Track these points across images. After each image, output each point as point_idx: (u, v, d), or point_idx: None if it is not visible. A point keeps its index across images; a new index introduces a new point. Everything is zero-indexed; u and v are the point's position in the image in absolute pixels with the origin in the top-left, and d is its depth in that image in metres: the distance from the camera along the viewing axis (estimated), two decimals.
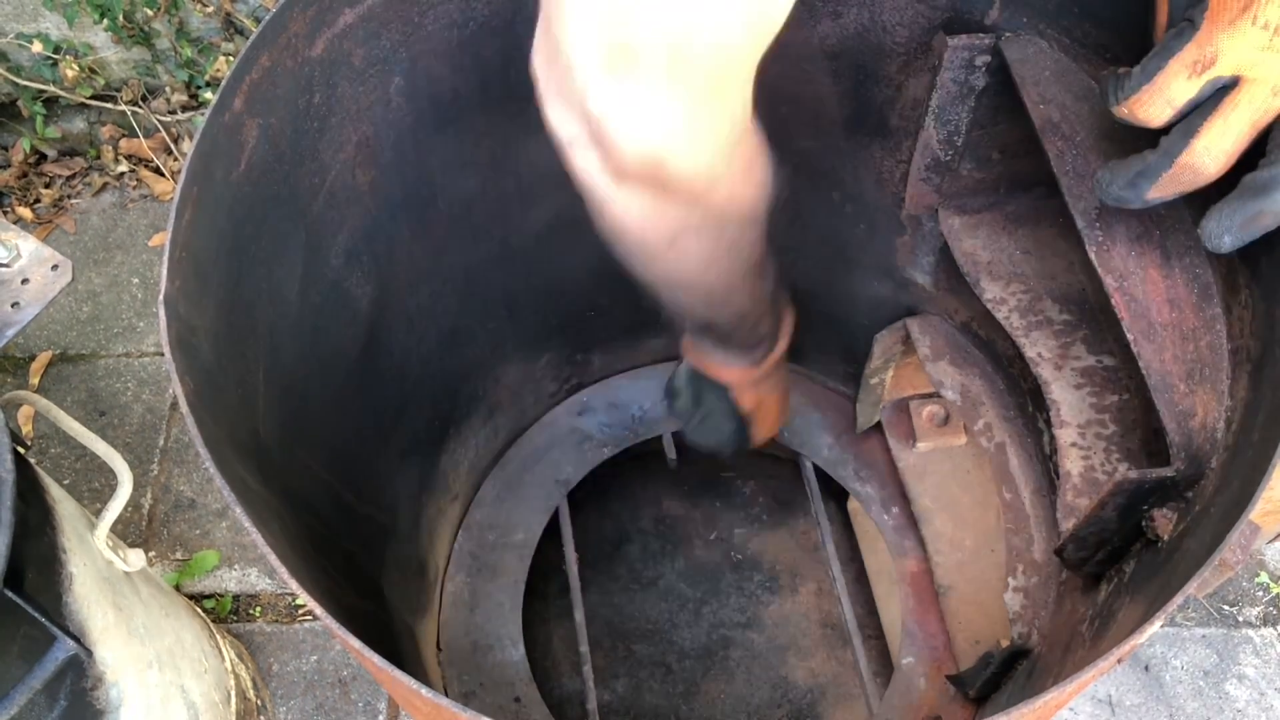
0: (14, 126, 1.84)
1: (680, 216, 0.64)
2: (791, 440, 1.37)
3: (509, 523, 1.33)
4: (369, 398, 1.06)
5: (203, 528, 1.51)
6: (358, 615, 0.89)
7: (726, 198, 0.64)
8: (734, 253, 0.73)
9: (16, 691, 0.81)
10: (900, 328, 1.20)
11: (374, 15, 0.84)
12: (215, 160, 0.74)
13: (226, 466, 0.64)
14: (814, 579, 1.46)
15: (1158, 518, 0.78)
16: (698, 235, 0.67)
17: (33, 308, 0.95)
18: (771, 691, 1.39)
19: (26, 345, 1.67)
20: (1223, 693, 1.37)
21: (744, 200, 0.67)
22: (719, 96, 0.57)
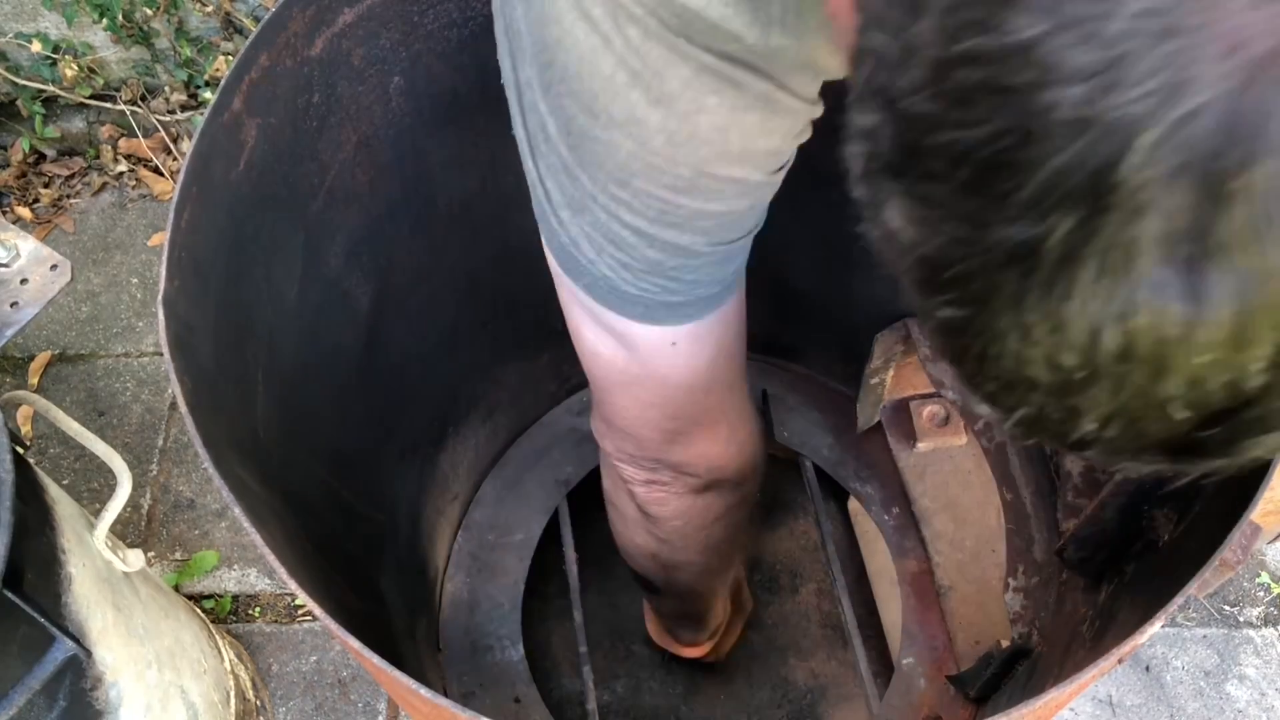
0: (13, 126, 1.84)
1: (730, 499, 0.81)
2: (791, 440, 1.37)
3: (509, 523, 1.33)
4: (369, 398, 1.06)
5: (202, 528, 1.51)
6: (357, 615, 0.89)
7: (759, 466, 0.82)
8: (750, 507, 0.89)
9: (16, 692, 0.80)
10: (901, 327, 1.19)
11: (373, 15, 0.84)
12: (214, 160, 0.74)
13: (225, 466, 0.64)
14: (814, 579, 1.46)
15: (1158, 518, 0.78)
16: (742, 504, 0.84)
17: (32, 308, 0.95)
18: (771, 692, 1.38)
19: (25, 345, 1.67)
20: (1224, 693, 1.37)
21: (763, 466, 0.84)
22: (740, 416, 0.75)
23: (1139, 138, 0.25)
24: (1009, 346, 0.30)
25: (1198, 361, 0.27)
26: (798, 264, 1.24)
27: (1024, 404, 0.31)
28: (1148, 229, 0.26)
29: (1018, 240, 0.27)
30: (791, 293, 1.28)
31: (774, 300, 1.30)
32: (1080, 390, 0.29)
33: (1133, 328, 0.27)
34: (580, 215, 0.55)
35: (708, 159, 0.50)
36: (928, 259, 0.31)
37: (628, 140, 0.50)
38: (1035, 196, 0.27)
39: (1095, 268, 0.27)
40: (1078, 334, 0.28)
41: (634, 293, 0.58)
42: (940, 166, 0.29)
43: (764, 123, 0.50)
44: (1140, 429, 0.30)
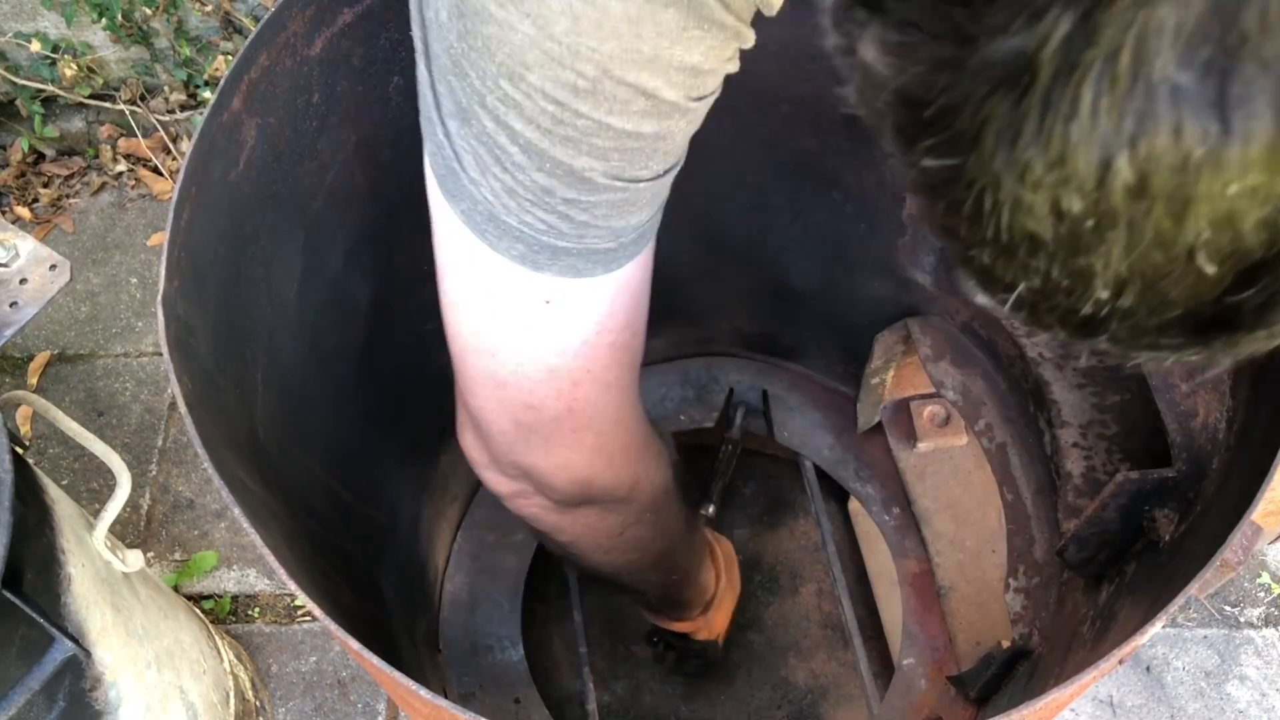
0: (12, 126, 1.84)
1: (620, 517, 0.74)
2: (791, 440, 1.37)
3: (508, 523, 1.33)
4: (368, 398, 1.06)
5: (201, 528, 1.51)
6: (356, 616, 0.89)
7: (650, 488, 0.75)
8: (669, 522, 0.84)
9: (15, 692, 0.80)
10: (901, 327, 1.19)
11: (373, 14, 0.84)
12: (214, 160, 0.74)
13: (225, 467, 0.64)
14: (814, 579, 1.46)
15: (1159, 518, 0.78)
16: (639, 523, 0.77)
17: (31, 307, 0.95)
18: (772, 692, 1.38)
19: (25, 345, 1.67)
20: (1224, 694, 1.37)
21: (662, 481, 0.78)
22: (616, 426, 0.66)
23: None
24: (1005, 193, 0.26)
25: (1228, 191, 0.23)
26: (798, 264, 1.24)
27: (1025, 274, 0.27)
28: (1162, 20, 0.21)
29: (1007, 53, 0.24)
30: (791, 293, 1.28)
31: (774, 300, 1.30)
32: (1090, 244, 0.25)
33: (1148, 152, 0.23)
34: (467, 125, 0.49)
35: (614, 56, 0.44)
36: (907, 94, 0.27)
37: (525, 21, 0.43)
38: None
39: (1100, 76, 0.22)
40: (1084, 167, 0.24)
41: (516, 225, 0.51)
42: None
43: (683, 26, 0.44)
44: (1161, 293, 0.26)
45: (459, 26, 0.46)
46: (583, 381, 0.60)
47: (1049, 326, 0.30)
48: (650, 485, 0.75)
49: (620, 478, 0.70)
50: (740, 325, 1.37)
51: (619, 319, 0.58)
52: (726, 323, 1.37)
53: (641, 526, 0.78)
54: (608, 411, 0.64)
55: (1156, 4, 0.21)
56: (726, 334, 1.39)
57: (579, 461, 0.65)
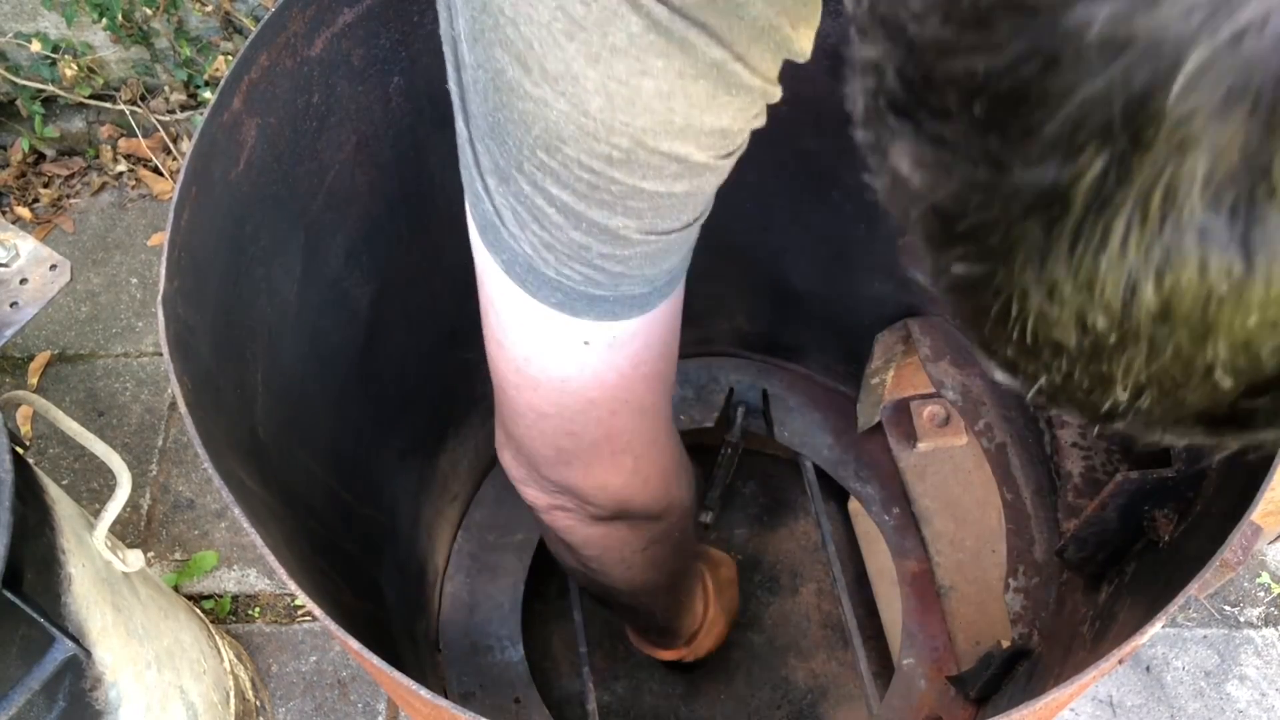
0: (12, 126, 1.84)
1: (649, 533, 0.77)
2: (791, 440, 1.37)
3: (508, 523, 1.33)
4: (368, 398, 1.06)
5: (201, 528, 1.51)
6: (356, 616, 0.89)
7: (680, 508, 0.78)
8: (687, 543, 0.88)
9: (15, 692, 0.80)
10: (901, 327, 1.19)
11: (373, 15, 0.84)
12: (214, 160, 0.74)
13: (225, 467, 0.64)
14: (814, 579, 1.46)
15: (1159, 518, 0.78)
16: (664, 541, 0.80)
17: (31, 308, 0.95)
18: (771, 692, 1.38)
19: (25, 345, 1.67)
20: (1224, 693, 1.37)
21: (689, 503, 0.81)
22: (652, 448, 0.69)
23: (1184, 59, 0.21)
24: (1032, 305, 0.26)
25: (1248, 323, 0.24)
26: (798, 264, 1.24)
27: (1048, 370, 0.28)
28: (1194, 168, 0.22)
29: (1042, 184, 0.24)
30: (791, 293, 1.28)
31: (774, 300, 1.30)
32: (1112, 355, 0.26)
33: (1174, 283, 0.24)
34: (505, 184, 0.51)
35: (648, 129, 0.46)
36: (940, 208, 0.27)
37: (560, 99, 0.45)
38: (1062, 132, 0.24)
39: (1131, 214, 0.23)
40: (1111, 291, 0.25)
41: (554, 277, 0.53)
42: (954, 100, 0.25)
43: (713, 95, 0.45)
44: (1179, 398, 0.27)
45: (495, 99, 0.47)
46: (620, 410, 0.63)
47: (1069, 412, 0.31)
48: (680, 505, 0.78)
49: (655, 497, 0.73)
50: (740, 325, 1.37)
51: (653, 351, 0.61)
52: (726, 323, 1.37)
53: (665, 544, 0.81)
54: (644, 435, 0.67)
55: (1191, 153, 0.22)
56: (726, 334, 1.39)
57: (617, 482, 0.69)
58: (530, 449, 0.67)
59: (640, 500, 0.72)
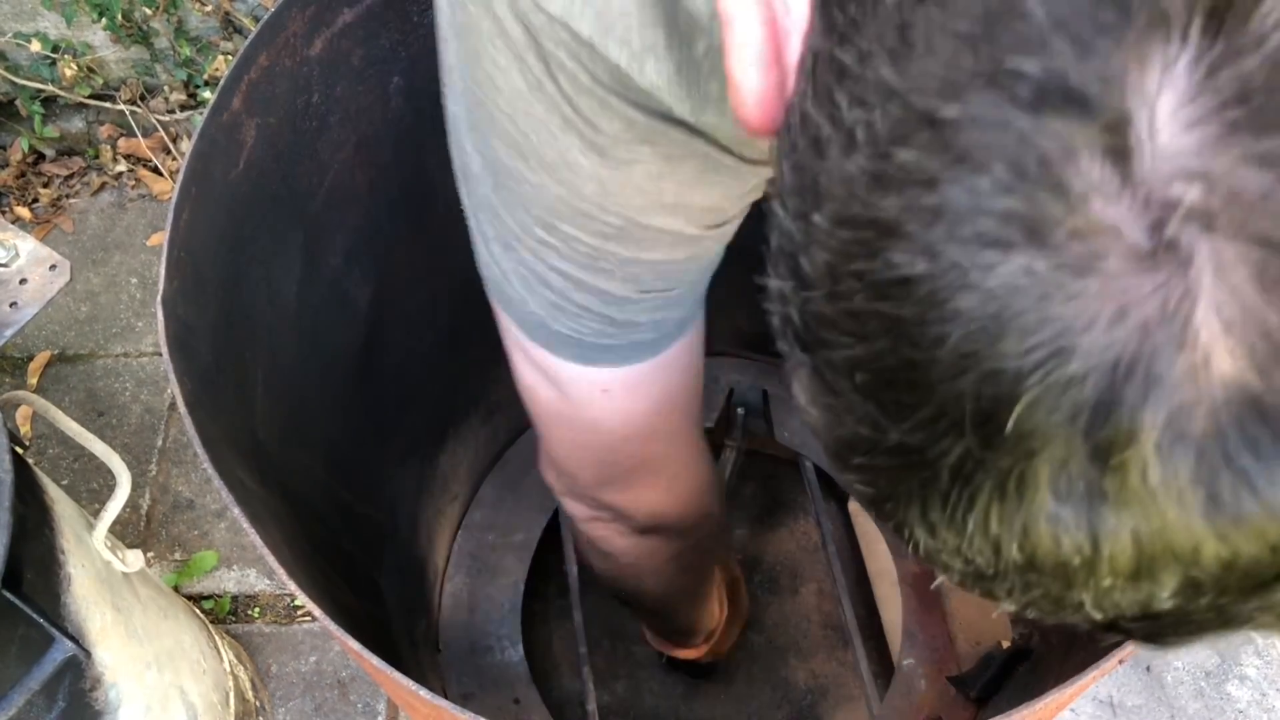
0: (12, 126, 1.84)
1: (684, 543, 0.80)
2: (791, 440, 1.37)
3: (508, 523, 1.33)
4: (368, 398, 1.06)
5: (201, 528, 1.51)
6: (356, 616, 0.89)
7: (711, 518, 0.81)
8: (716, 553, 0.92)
9: (15, 692, 0.80)
10: None
11: (373, 15, 0.84)
12: (214, 160, 0.74)
13: (225, 467, 0.64)
14: (814, 580, 1.46)
15: None
16: (695, 549, 0.83)
17: (31, 308, 0.95)
18: (771, 692, 1.38)
19: (24, 345, 1.67)
20: (1224, 693, 1.37)
21: (719, 512, 0.84)
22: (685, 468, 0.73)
23: (1024, 391, 0.24)
24: (918, 536, 0.29)
25: (1102, 585, 0.26)
26: None
27: (947, 573, 0.31)
28: (1039, 469, 0.25)
29: (912, 450, 0.27)
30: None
31: None
32: (994, 581, 0.29)
33: (1033, 550, 0.26)
34: (509, 252, 0.53)
35: (640, 208, 0.48)
36: (831, 444, 0.30)
37: (557, 185, 0.47)
38: (927, 417, 0.26)
39: (992, 493, 0.26)
40: (980, 544, 0.27)
41: (566, 333, 0.56)
42: (840, 364, 0.28)
43: (701, 175, 0.47)
44: (1062, 616, 0.29)
45: (492, 180, 0.50)
46: (652, 439, 0.66)
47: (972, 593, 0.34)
48: (712, 516, 0.81)
49: (688, 511, 0.76)
50: (740, 325, 1.37)
51: (675, 385, 0.64)
52: (726, 323, 1.37)
53: (696, 552, 0.85)
54: (678, 457, 0.71)
55: (1036, 458, 0.24)
56: (726, 334, 1.38)
57: (655, 499, 0.72)
58: (570, 472, 0.70)
59: (674, 514, 0.75)
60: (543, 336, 0.57)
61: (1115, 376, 0.23)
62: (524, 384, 0.64)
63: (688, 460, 0.73)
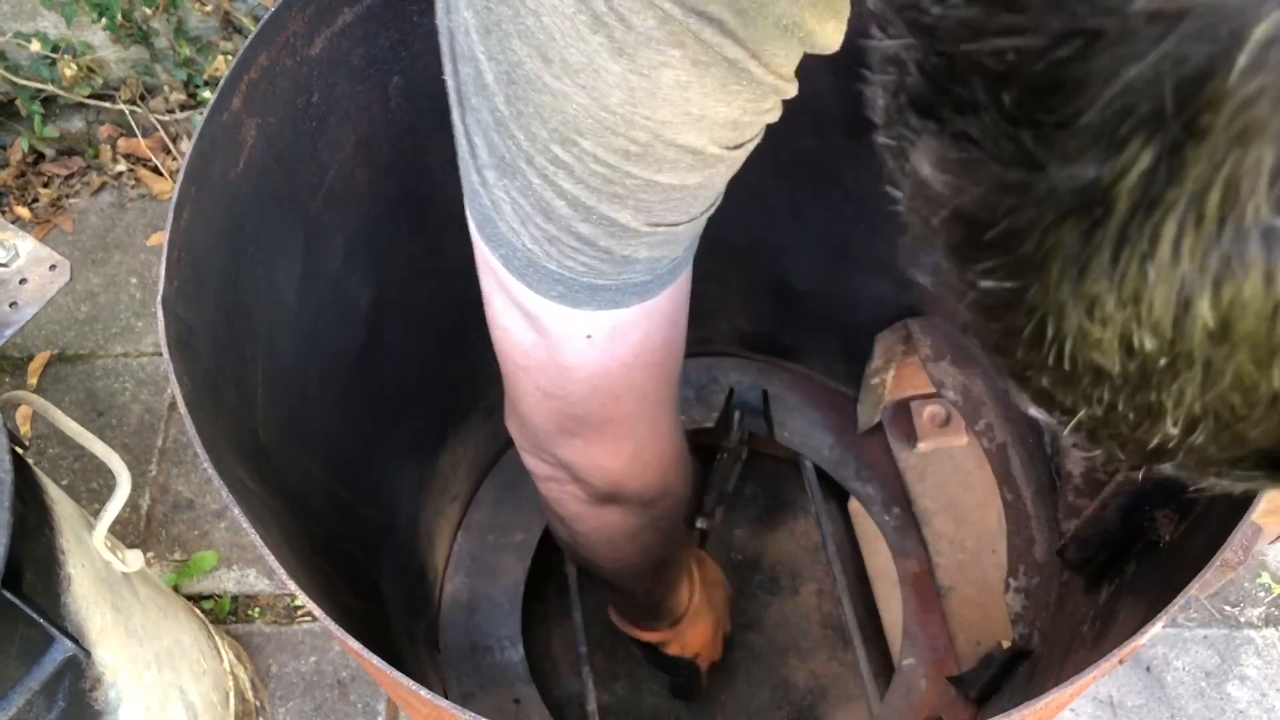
0: (12, 126, 1.84)
1: (641, 519, 0.77)
2: (791, 440, 1.37)
3: (508, 523, 1.33)
4: (368, 398, 1.06)
5: (201, 528, 1.51)
6: (356, 616, 0.89)
7: (675, 498, 0.78)
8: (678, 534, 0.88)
9: (15, 692, 0.80)
10: (901, 328, 1.19)
11: (373, 14, 0.84)
12: (213, 160, 0.74)
13: (225, 467, 0.64)
14: (814, 580, 1.46)
15: (1159, 518, 0.78)
16: (654, 528, 0.80)
17: (31, 307, 0.95)
18: (772, 693, 1.38)
19: (24, 345, 1.67)
20: (1224, 694, 1.37)
21: (686, 494, 0.81)
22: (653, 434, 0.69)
23: (1247, 32, 0.19)
24: (1070, 325, 0.24)
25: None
26: (798, 264, 1.24)
27: (1089, 402, 0.25)
28: (1258, 160, 0.20)
29: (1080, 183, 0.22)
30: (791, 293, 1.28)
31: (774, 300, 1.30)
32: (1162, 382, 0.23)
33: (1234, 296, 0.21)
34: (509, 179, 0.50)
35: (667, 121, 0.45)
36: (966, 215, 0.25)
37: (580, 93, 0.44)
38: (1105, 123, 0.21)
39: (1185, 216, 0.21)
40: (1160, 307, 0.22)
41: (556, 270, 0.53)
42: (981, 91, 0.23)
43: (726, 84, 0.45)
44: (1239, 433, 0.24)
45: (508, 91, 0.47)
46: (624, 397, 0.63)
47: (1109, 451, 0.28)
48: (675, 494, 0.78)
49: (651, 484, 0.73)
50: (740, 325, 1.37)
51: (656, 339, 0.61)
52: (726, 323, 1.37)
53: (656, 532, 0.81)
54: (646, 421, 0.67)
55: (1252, 143, 0.20)
56: (726, 334, 1.38)
57: (615, 465, 0.69)
58: (533, 424, 0.67)
59: (636, 485, 0.72)
60: (530, 275, 0.54)
61: None
62: (499, 325, 0.62)
63: (656, 426, 0.69)
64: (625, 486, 0.72)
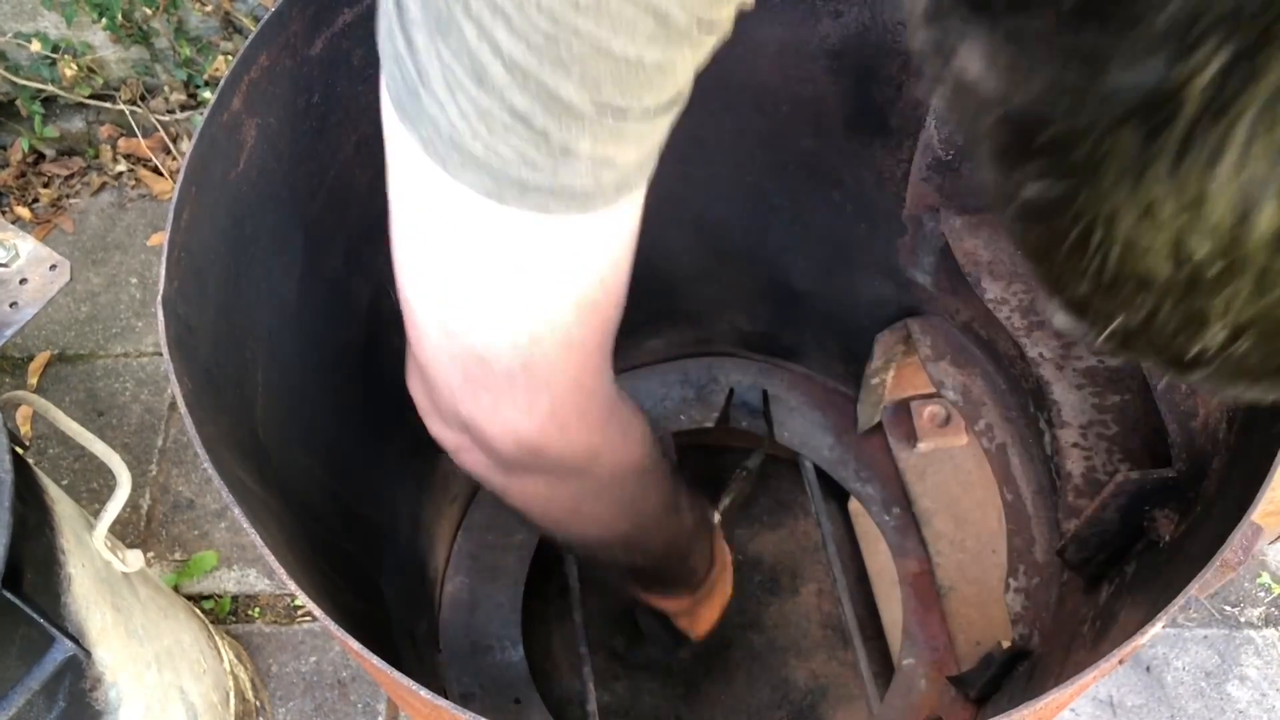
0: (12, 126, 1.84)
1: (573, 490, 0.67)
2: (791, 440, 1.37)
3: (508, 523, 1.33)
4: (368, 398, 1.06)
5: (201, 528, 1.51)
6: (356, 616, 0.89)
7: (611, 465, 0.67)
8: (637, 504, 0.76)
9: (15, 692, 0.80)
10: (901, 328, 1.19)
11: (373, 14, 0.83)
12: (214, 160, 0.74)
13: (225, 467, 0.64)
14: (814, 580, 1.46)
15: (1159, 518, 0.78)
16: (596, 500, 0.70)
17: (31, 308, 0.95)
18: (771, 693, 1.38)
19: (25, 345, 1.67)
20: (1224, 694, 1.37)
21: (629, 460, 0.70)
22: (575, 392, 0.59)
23: None
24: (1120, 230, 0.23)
25: None
26: (797, 264, 1.24)
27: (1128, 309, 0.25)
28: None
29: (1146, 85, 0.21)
30: (791, 293, 1.28)
31: (774, 300, 1.30)
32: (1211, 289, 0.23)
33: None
34: (441, 36, 0.43)
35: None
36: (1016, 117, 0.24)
37: None
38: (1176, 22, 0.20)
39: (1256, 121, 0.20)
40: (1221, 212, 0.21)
41: (482, 154, 0.46)
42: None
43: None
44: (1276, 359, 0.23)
45: None
46: (543, 338, 0.54)
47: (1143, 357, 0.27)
48: (613, 461, 0.67)
49: (574, 448, 0.62)
50: (740, 325, 1.37)
51: (590, 274, 0.53)
52: (726, 323, 1.37)
53: (601, 504, 0.72)
54: (567, 373, 0.58)
55: None
56: (726, 334, 1.38)
57: (528, 426, 0.59)
58: (435, 374, 0.59)
59: (556, 450, 0.61)
60: (452, 159, 0.47)
61: None
62: (401, 235, 0.53)
63: (579, 382, 0.59)
64: (542, 452, 0.61)
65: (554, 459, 0.62)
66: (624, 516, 0.77)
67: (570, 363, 0.57)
